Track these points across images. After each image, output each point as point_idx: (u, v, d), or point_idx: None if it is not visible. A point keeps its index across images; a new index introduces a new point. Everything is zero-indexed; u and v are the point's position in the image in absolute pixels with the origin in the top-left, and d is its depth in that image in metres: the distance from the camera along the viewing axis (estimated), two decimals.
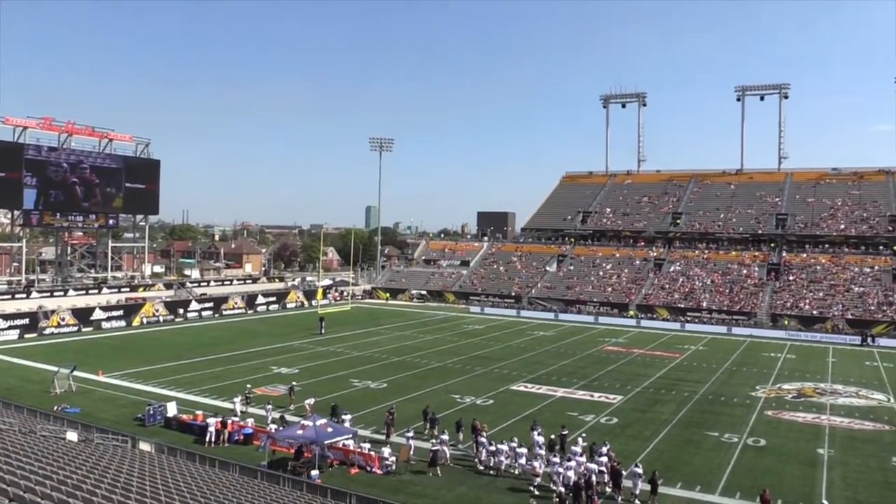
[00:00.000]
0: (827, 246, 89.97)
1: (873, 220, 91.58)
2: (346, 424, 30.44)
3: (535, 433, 28.73)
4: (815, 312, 76.13)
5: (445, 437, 28.87)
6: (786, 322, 74.72)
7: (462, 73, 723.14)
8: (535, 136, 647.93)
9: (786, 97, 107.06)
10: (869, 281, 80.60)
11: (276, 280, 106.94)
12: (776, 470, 28.40)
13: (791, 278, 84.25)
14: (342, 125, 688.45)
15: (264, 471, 25.41)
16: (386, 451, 27.47)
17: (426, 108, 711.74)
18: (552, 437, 29.26)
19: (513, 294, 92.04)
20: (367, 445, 28.77)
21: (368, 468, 27.18)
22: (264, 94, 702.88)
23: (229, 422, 30.82)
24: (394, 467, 27.09)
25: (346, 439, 28.22)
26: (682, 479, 26.78)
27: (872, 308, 74.87)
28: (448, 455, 28.33)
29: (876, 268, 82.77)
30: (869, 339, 67.46)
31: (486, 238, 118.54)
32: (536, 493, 24.70)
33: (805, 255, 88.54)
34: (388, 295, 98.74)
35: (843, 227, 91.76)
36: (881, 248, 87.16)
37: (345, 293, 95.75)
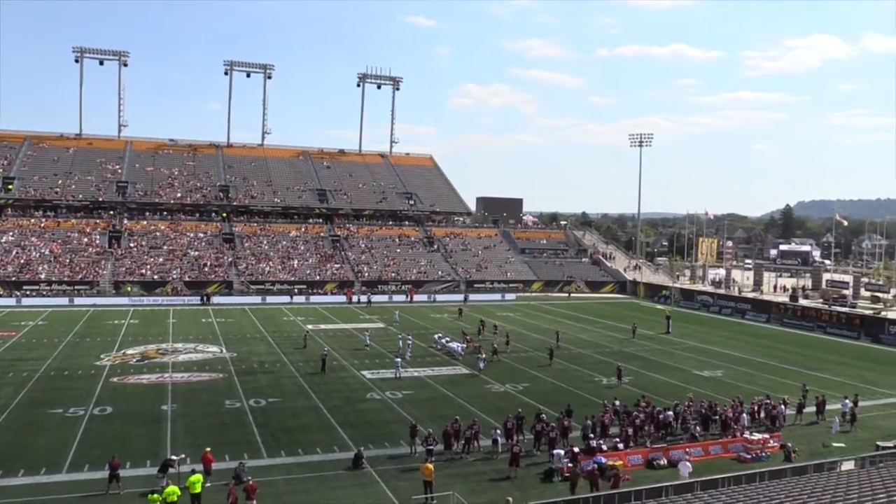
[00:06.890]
0: (166, 213, 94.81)
1: (206, 189, 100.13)
2: None
3: None
4: (156, 277, 79.51)
5: None
6: (129, 288, 76.04)
7: None
8: None
9: (125, 65, 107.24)
10: (203, 245, 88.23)
11: None
12: (124, 434, 29.23)
13: (132, 245, 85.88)
14: None
15: None
16: None
17: None
18: None
19: None
20: None
21: None
22: None
23: None
24: None
25: None
26: (24, 466, 25.18)
27: (207, 270, 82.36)
28: None
29: (209, 233, 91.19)
30: (206, 298, 74.24)
31: None
32: None
33: (146, 223, 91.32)
34: None
35: (180, 195, 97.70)
36: (213, 214, 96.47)
37: None
